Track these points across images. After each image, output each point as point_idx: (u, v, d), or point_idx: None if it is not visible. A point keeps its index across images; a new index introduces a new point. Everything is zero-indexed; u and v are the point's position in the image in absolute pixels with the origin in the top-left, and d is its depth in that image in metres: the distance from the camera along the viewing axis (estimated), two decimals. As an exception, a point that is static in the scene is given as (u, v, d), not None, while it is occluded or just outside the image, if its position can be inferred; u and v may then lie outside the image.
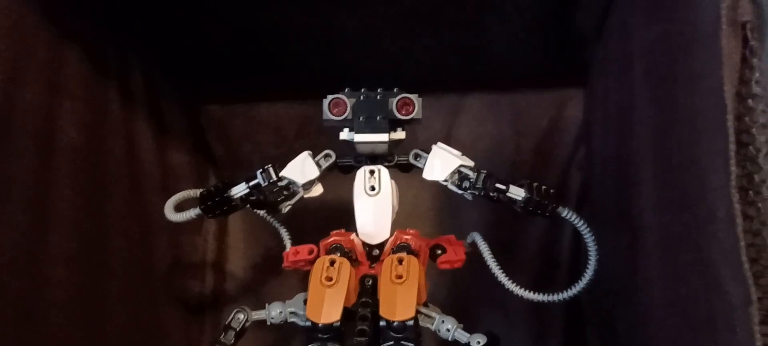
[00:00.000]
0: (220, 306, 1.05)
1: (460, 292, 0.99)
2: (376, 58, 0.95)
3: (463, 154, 0.72)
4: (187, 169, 1.02)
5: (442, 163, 0.70)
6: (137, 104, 0.90)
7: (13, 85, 0.67)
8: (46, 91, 0.71)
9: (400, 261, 0.63)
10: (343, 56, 0.96)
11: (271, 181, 0.67)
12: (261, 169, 0.68)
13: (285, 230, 0.78)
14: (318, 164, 0.72)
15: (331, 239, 0.68)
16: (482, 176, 0.67)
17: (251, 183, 0.68)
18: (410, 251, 0.67)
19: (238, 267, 1.08)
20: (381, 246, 0.71)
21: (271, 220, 0.77)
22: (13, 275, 0.65)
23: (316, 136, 0.99)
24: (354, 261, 0.68)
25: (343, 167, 0.74)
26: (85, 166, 0.77)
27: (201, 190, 0.71)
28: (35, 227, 0.69)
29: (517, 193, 0.68)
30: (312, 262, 0.69)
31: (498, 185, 0.67)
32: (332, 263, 0.63)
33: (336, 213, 0.78)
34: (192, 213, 0.68)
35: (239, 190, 0.68)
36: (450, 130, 1.05)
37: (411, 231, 0.71)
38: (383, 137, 0.67)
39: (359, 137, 0.68)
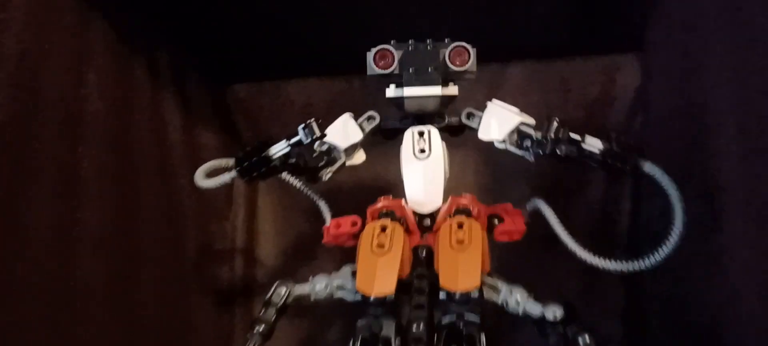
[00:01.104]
0: (250, 294, 0.99)
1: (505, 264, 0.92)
2: (405, 26, 0.88)
3: (521, 111, 0.65)
4: (215, 149, 0.96)
5: (499, 121, 0.64)
6: (164, 81, 0.86)
7: (40, 51, 0.62)
8: (72, 57, 0.67)
9: (461, 225, 0.56)
10: (369, 24, 0.89)
11: (314, 137, 0.61)
12: (303, 125, 0.61)
13: (324, 202, 0.71)
14: (361, 127, 0.65)
15: (380, 205, 0.62)
16: (555, 124, 0.60)
17: (293, 140, 0.61)
18: (470, 215, 0.60)
19: (269, 253, 1.02)
20: (433, 216, 0.64)
21: (309, 192, 0.70)
22: (47, 257, 0.62)
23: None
24: (405, 230, 0.61)
25: (387, 131, 0.67)
26: (111, 140, 0.72)
27: (237, 155, 0.64)
28: (66, 207, 0.65)
29: (593, 144, 0.60)
30: (355, 235, 0.63)
31: (572, 135, 0.60)
32: (384, 229, 0.56)
33: (377, 191, 0.72)
34: (226, 177, 0.62)
35: (279, 148, 0.62)
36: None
37: (467, 196, 0.64)
38: (435, 90, 0.61)
39: (409, 91, 0.61)
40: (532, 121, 0.63)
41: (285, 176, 0.68)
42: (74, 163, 0.66)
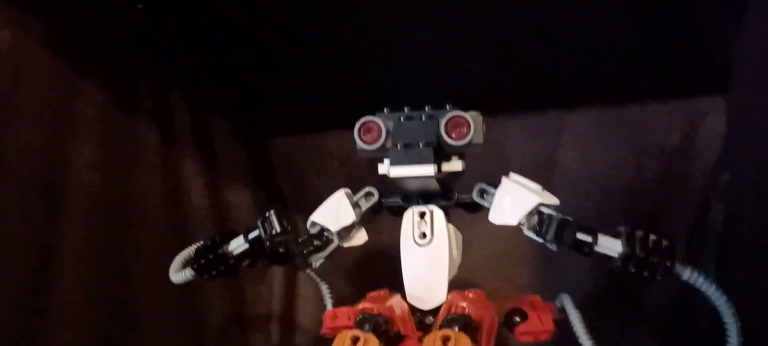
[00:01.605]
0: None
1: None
2: (451, 71, 0.79)
3: (543, 189, 0.53)
4: (248, 209, 0.91)
5: (514, 201, 0.52)
6: (182, 141, 0.81)
7: (7, 118, 0.58)
8: (50, 131, 0.62)
9: (446, 341, 0.46)
10: (413, 72, 0.81)
11: (273, 233, 0.53)
12: (262, 218, 0.54)
13: (326, 285, 0.63)
14: (357, 205, 0.57)
15: (361, 306, 0.52)
16: (555, 221, 0.48)
17: (251, 236, 0.54)
18: (466, 323, 0.49)
19: (310, 319, 0.95)
20: (436, 312, 0.54)
21: (309, 272, 0.62)
22: None
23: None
24: (393, 336, 0.51)
25: (392, 208, 0.58)
26: (102, 215, 0.68)
27: (198, 244, 0.57)
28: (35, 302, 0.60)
29: (610, 246, 0.48)
30: (353, 329, 0.53)
31: (580, 236, 0.48)
32: (355, 341, 0.47)
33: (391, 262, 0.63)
34: (187, 274, 0.55)
35: (237, 245, 0.54)
36: (551, 155, 0.86)
37: (471, 293, 0.53)
38: (426, 170, 0.51)
39: (395, 171, 0.52)
40: (555, 201, 0.52)
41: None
42: (49, 240, 0.61)
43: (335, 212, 0.57)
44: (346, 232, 0.57)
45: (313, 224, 0.57)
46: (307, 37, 0.76)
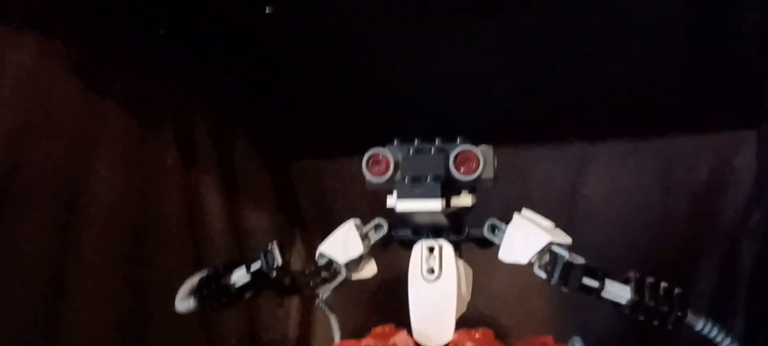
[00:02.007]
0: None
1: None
2: (471, 103, 0.78)
3: (556, 227, 0.51)
4: (267, 232, 0.90)
5: (525, 239, 0.51)
6: (204, 161, 0.81)
7: (33, 140, 0.59)
8: (71, 151, 0.63)
9: (447, 383, 0.44)
10: (439, 101, 0.80)
11: (275, 266, 0.52)
12: (264, 250, 0.53)
13: (334, 316, 0.62)
14: (366, 237, 0.56)
15: (364, 343, 0.51)
16: (560, 263, 0.47)
17: (253, 268, 0.53)
18: (470, 365, 0.48)
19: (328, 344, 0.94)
20: (443, 350, 0.52)
21: (318, 303, 0.61)
22: None
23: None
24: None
25: (402, 241, 0.57)
26: (121, 233, 0.68)
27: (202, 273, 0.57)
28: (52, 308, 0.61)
29: (618, 293, 0.46)
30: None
31: (587, 282, 0.46)
32: (355, 378, 0.46)
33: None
34: (190, 303, 0.55)
35: (239, 277, 0.54)
36: (575, 186, 0.84)
37: (479, 334, 0.52)
38: (433, 205, 0.49)
39: (402, 205, 0.50)
40: (567, 240, 0.50)
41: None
42: (66, 257, 0.62)
43: (343, 243, 0.56)
44: (355, 264, 0.56)
45: (321, 255, 0.56)
46: (334, 62, 0.76)
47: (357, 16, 0.67)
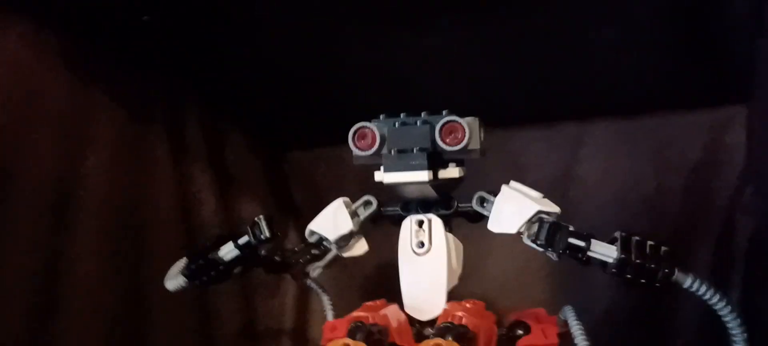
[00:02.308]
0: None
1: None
2: (461, 85, 0.77)
3: (543, 196, 0.51)
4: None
5: (513, 209, 0.51)
6: (196, 153, 0.81)
7: (22, 132, 0.59)
8: (63, 144, 0.63)
9: (435, 352, 0.44)
10: (427, 85, 0.79)
11: (263, 238, 0.52)
12: (251, 223, 0.53)
13: (327, 296, 0.62)
14: (355, 214, 0.56)
15: (355, 314, 0.51)
16: (547, 225, 0.47)
17: (241, 241, 0.53)
18: (460, 334, 0.47)
19: (321, 334, 0.94)
20: (434, 323, 0.52)
21: (308, 282, 0.61)
22: None
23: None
24: (388, 346, 0.50)
25: (391, 217, 0.57)
26: (114, 226, 0.68)
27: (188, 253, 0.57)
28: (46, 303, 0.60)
29: (605, 252, 0.46)
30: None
31: (573, 241, 0.46)
32: (344, 350, 0.46)
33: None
34: (179, 280, 0.55)
35: (228, 251, 0.53)
36: (569, 167, 0.83)
37: (469, 303, 0.51)
38: (419, 176, 0.49)
39: (389, 177, 0.50)
40: (555, 209, 0.50)
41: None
42: (60, 251, 0.62)
43: (333, 220, 0.56)
44: (345, 241, 0.56)
45: (311, 232, 0.56)
46: (321, 53, 0.76)
47: (347, 10, 0.67)
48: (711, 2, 0.64)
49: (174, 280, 0.55)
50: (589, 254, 0.46)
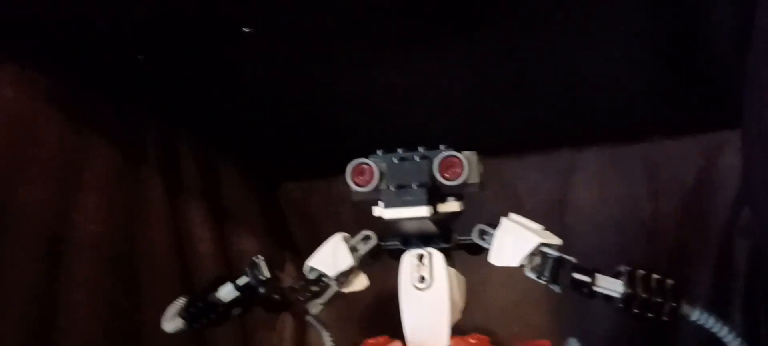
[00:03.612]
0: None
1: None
2: (455, 116, 0.78)
3: (545, 228, 0.51)
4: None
5: (514, 242, 0.51)
6: (190, 189, 0.81)
7: (14, 175, 0.59)
8: (56, 185, 0.63)
9: (441, 389, 0.44)
10: (423, 117, 0.80)
11: (261, 279, 0.52)
12: (249, 264, 0.52)
13: (328, 333, 0.61)
14: (354, 249, 0.55)
15: (357, 353, 0.51)
16: (550, 260, 0.47)
17: (240, 282, 0.52)
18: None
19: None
20: (438, 359, 0.52)
21: (309, 319, 0.60)
22: None
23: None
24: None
25: (392, 252, 0.56)
26: (109, 266, 0.67)
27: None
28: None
29: (611, 287, 0.46)
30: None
31: (577, 276, 0.46)
32: (348, 390, 0.45)
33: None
34: (178, 323, 0.54)
35: (227, 292, 0.53)
36: (564, 194, 0.84)
37: (473, 339, 0.51)
38: (420, 212, 0.49)
39: (389, 213, 0.50)
40: (557, 241, 0.50)
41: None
42: (55, 292, 0.61)
43: (332, 257, 0.55)
44: (345, 277, 0.56)
45: (311, 269, 0.56)
46: (312, 86, 0.76)
47: (339, 40, 0.67)
48: (698, 28, 0.65)
49: (172, 322, 0.54)
50: (595, 289, 0.46)
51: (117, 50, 0.64)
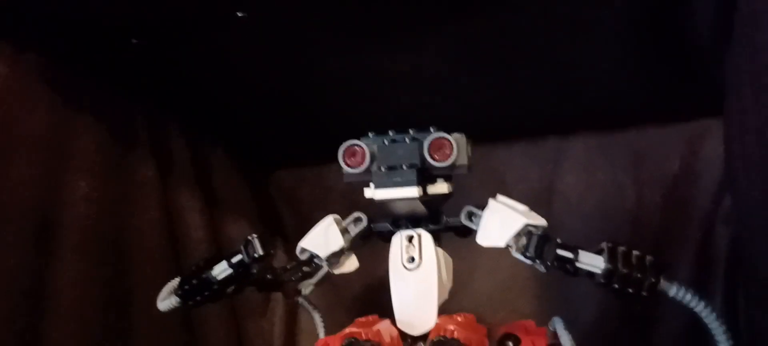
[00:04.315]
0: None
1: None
2: (443, 102, 0.79)
3: (530, 209, 0.52)
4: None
5: (501, 222, 0.52)
6: (180, 175, 0.81)
7: (2, 157, 0.59)
8: (45, 165, 0.63)
9: (429, 363, 0.45)
10: (412, 105, 0.81)
11: (256, 256, 0.53)
12: (244, 242, 0.53)
13: (319, 314, 0.62)
14: (346, 231, 0.56)
15: (348, 331, 0.52)
16: (535, 237, 0.48)
17: (234, 260, 0.53)
18: (452, 347, 0.48)
19: (314, 350, 0.94)
20: (426, 338, 0.53)
21: (300, 300, 0.61)
22: None
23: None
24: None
25: (381, 233, 0.58)
26: (98, 249, 0.68)
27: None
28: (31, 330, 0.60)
29: (593, 263, 0.47)
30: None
31: (561, 252, 0.47)
32: (339, 365, 0.47)
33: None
34: (172, 301, 0.55)
35: (221, 270, 0.54)
36: (551, 181, 0.85)
37: (460, 317, 0.52)
38: (410, 192, 0.50)
39: (379, 193, 0.51)
40: (542, 222, 0.51)
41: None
42: (44, 274, 0.61)
43: (324, 237, 0.56)
44: (336, 258, 0.57)
45: (303, 250, 0.57)
46: (302, 72, 0.76)
47: (329, 24, 0.68)
48: (680, 15, 0.67)
49: (166, 301, 0.55)
50: (577, 265, 0.47)
51: (110, 33, 0.64)
